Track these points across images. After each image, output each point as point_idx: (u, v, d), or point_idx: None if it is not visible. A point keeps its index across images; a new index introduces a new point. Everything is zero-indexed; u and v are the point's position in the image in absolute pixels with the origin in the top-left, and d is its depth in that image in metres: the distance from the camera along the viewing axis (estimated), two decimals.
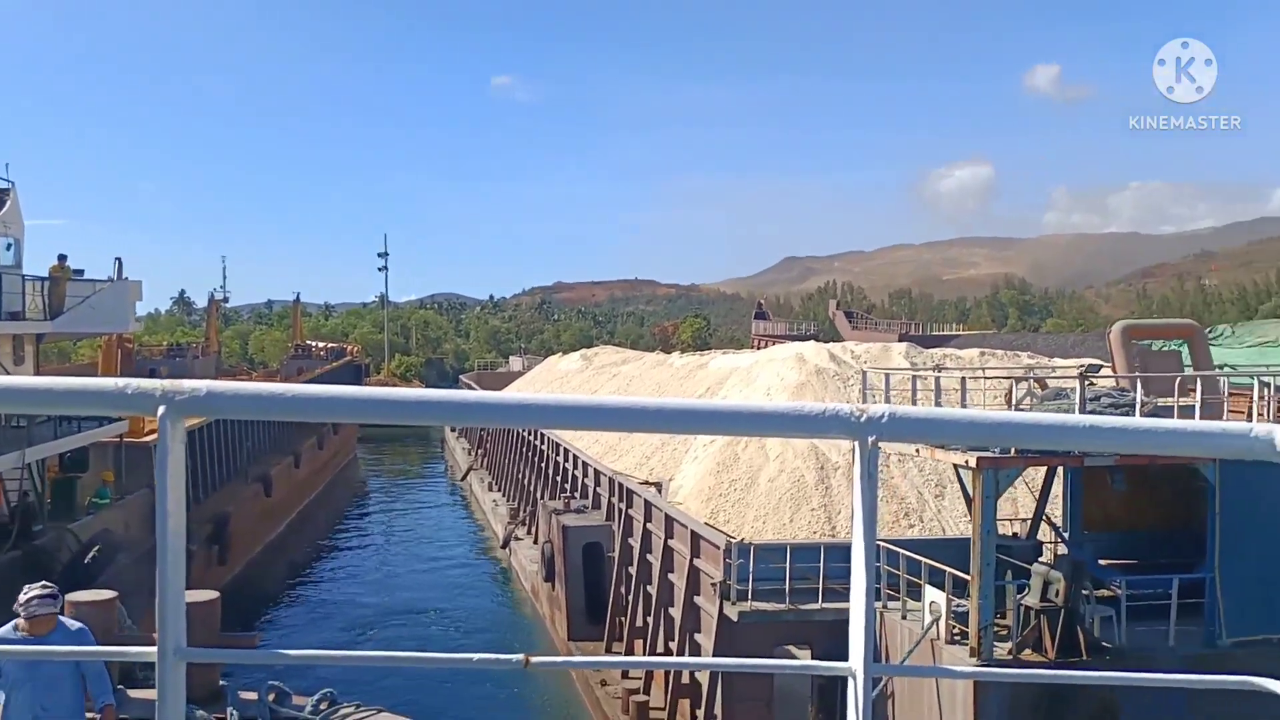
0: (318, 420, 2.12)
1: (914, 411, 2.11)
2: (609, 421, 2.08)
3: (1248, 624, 17.47)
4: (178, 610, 1.99)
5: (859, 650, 2.14)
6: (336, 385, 2.07)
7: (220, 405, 1.99)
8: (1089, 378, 18.18)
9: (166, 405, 1.92)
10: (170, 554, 1.97)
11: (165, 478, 1.96)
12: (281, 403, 2.00)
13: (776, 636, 21.42)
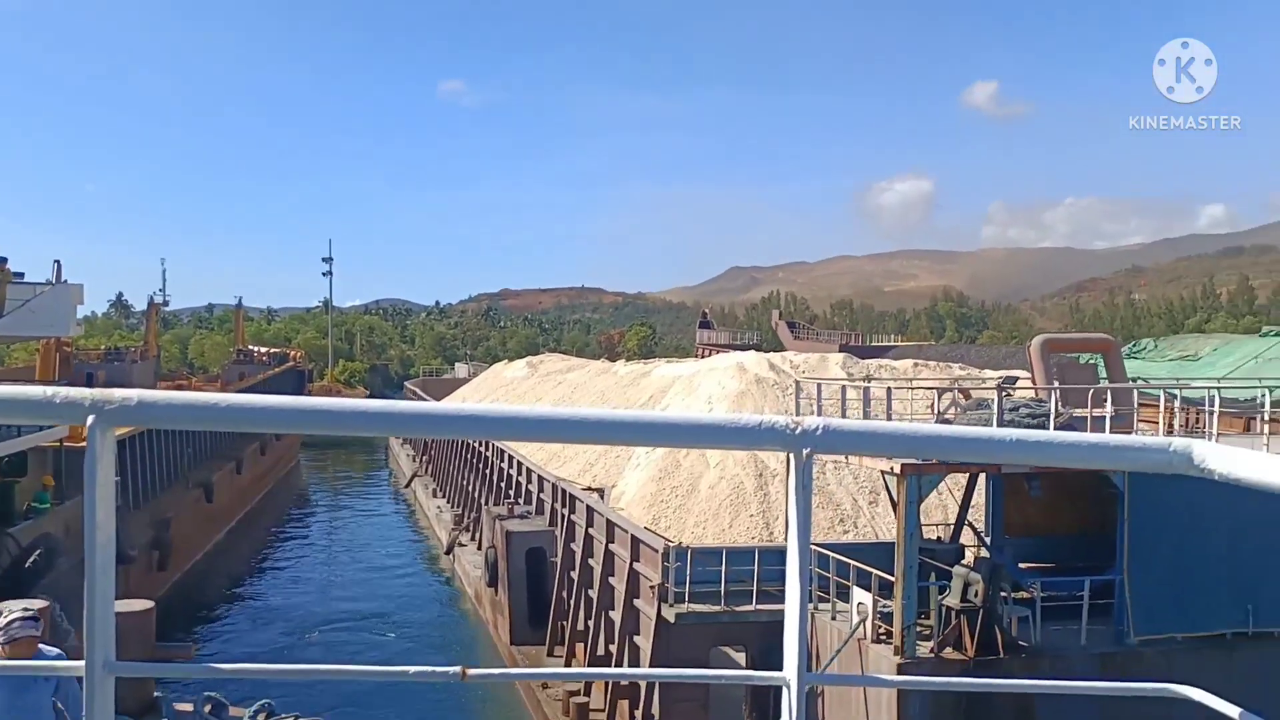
0: (253, 431, 2.11)
1: (848, 424, 2.17)
2: (545, 433, 2.11)
3: (1155, 623, 18.52)
4: (106, 623, 1.96)
5: (793, 660, 2.16)
6: (273, 395, 2.06)
7: (152, 415, 1.97)
8: (1006, 389, 19.18)
9: (96, 415, 1.90)
10: (99, 566, 1.93)
11: (94, 489, 1.92)
12: (216, 413, 1.98)
13: (713, 638, 22.17)
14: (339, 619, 38.13)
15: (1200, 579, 18.48)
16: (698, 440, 2.18)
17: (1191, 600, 18.53)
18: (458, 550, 45.43)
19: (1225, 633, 18.61)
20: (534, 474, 36.95)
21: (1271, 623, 18.70)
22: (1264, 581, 18.61)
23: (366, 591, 42.34)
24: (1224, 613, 18.54)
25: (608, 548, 26.35)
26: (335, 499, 70.96)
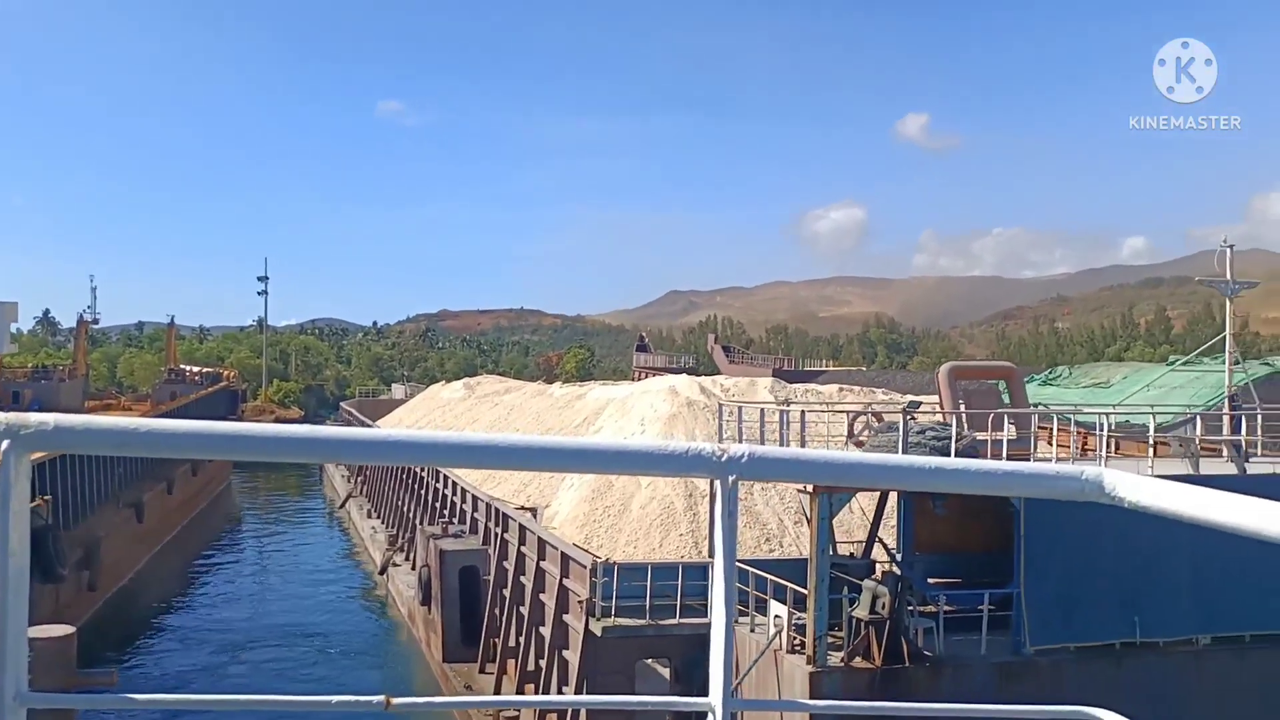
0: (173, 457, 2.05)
1: (772, 451, 2.20)
2: (473, 458, 2.12)
3: (1049, 634, 19.81)
4: (19, 653, 1.92)
5: (718, 685, 2.17)
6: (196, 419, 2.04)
7: (69, 440, 1.92)
8: (910, 413, 20.43)
9: (10, 440, 1.86)
10: (11, 592, 1.89)
11: (7, 516, 1.87)
12: (134, 438, 1.93)
13: (638, 650, 23.06)
14: (271, 639, 38.26)
15: (1091, 593, 19.82)
16: (624, 466, 2.23)
17: (1083, 612, 19.85)
18: (392, 570, 45.74)
19: (1114, 642, 19.95)
20: (469, 494, 37.57)
21: (1156, 633, 20.09)
22: (1149, 595, 20.00)
23: (299, 612, 42.46)
24: (1113, 624, 19.88)
25: (539, 565, 27.12)
26: (268, 520, 70.52)
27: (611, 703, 2.74)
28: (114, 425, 1.96)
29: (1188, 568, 19.97)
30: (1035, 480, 2.27)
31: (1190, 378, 50.08)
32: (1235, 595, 20.07)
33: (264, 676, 33.71)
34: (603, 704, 2.84)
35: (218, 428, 1.98)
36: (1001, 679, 19.48)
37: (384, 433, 2.10)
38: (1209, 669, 20.29)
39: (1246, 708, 20.22)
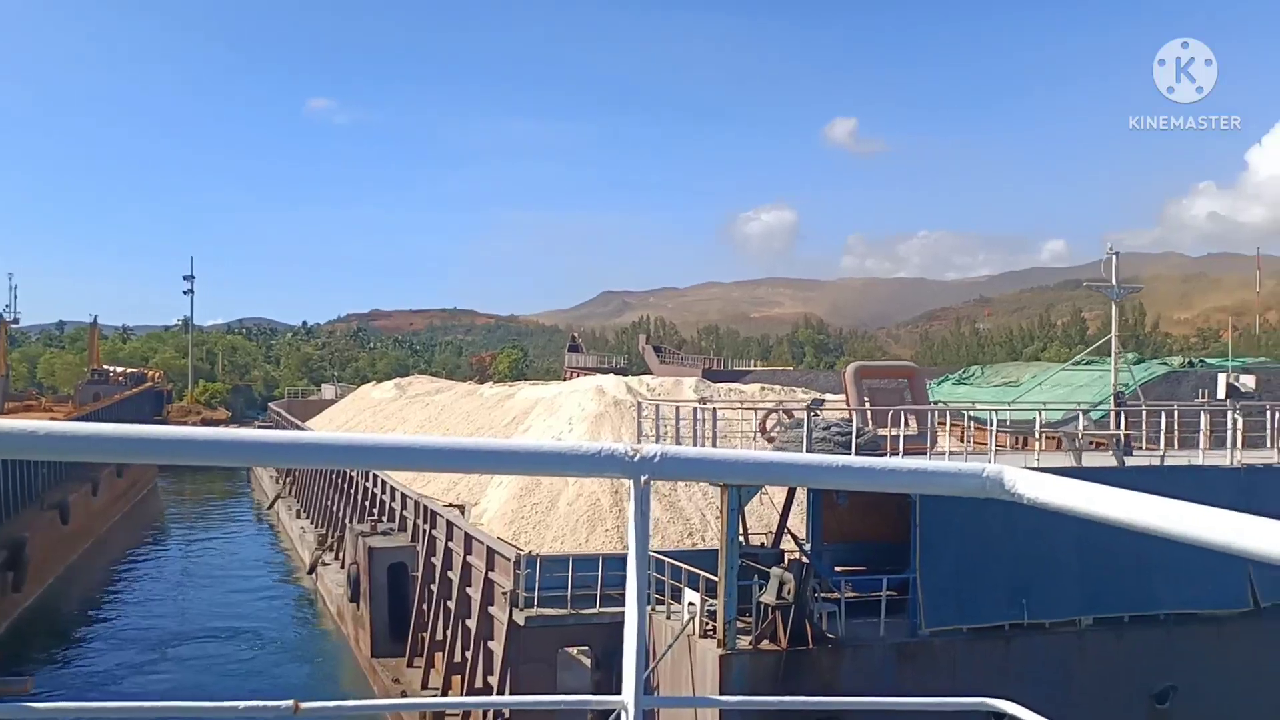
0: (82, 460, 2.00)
1: (685, 451, 2.23)
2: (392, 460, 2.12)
3: (943, 617, 21.17)
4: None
5: (631, 683, 2.19)
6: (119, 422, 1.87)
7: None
8: (815, 410, 21.69)
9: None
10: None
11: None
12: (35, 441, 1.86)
13: (560, 639, 24.01)
14: (198, 638, 38.44)
15: (981, 577, 21.22)
16: (539, 467, 2.23)
17: (974, 596, 21.25)
18: (321, 569, 46.03)
19: (1003, 624, 21.38)
20: (398, 492, 38.13)
21: (1042, 615, 21.57)
22: (1035, 579, 21.46)
23: (227, 611, 42.60)
24: (1002, 607, 21.31)
25: (465, 559, 27.91)
26: (195, 521, 69.99)
27: (528, 703, 2.73)
28: (22, 428, 1.88)
29: (1072, 554, 21.46)
30: (937, 478, 2.33)
31: (1094, 376, 52.40)
32: (1115, 579, 21.61)
33: (191, 674, 33.96)
34: (519, 704, 2.73)
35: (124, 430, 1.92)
36: (899, 659, 20.80)
37: (293, 435, 2.07)
38: (1090, 647, 21.82)
39: (1124, 682, 21.83)
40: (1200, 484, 22.08)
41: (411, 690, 29.34)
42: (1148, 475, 21.84)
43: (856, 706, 2.81)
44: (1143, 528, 1.94)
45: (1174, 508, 1.88)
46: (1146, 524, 1.93)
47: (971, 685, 20.61)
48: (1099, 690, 21.56)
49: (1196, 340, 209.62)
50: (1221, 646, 22.47)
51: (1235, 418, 22.75)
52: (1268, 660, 22.62)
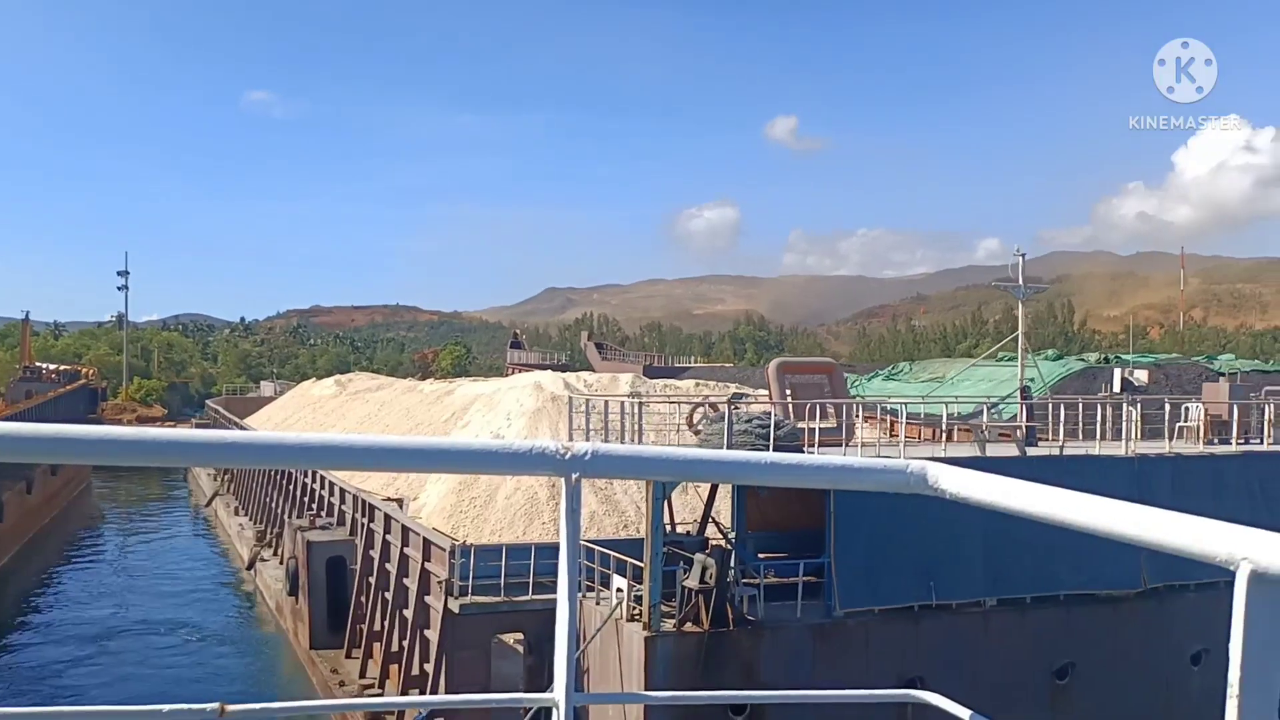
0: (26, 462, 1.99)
1: (616, 449, 2.21)
2: (319, 459, 2.11)
3: (856, 598, 22.35)
4: None
5: (561, 681, 2.20)
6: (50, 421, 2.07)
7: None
8: (735, 404, 22.76)
9: None
10: None
11: None
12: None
13: (494, 626, 24.83)
14: (136, 634, 38.56)
15: (892, 561, 22.43)
16: (470, 466, 2.23)
17: (886, 579, 22.45)
18: (259, 565, 46.25)
19: (913, 605, 22.63)
20: (336, 487, 38.60)
21: (949, 596, 22.85)
22: (943, 563, 22.72)
23: (164, 608, 42.67)
24: (912, 589, 22.54)
25: (403, 551, 28.60)
26: (131, 519, 69.42)
27: (460, 701, 2.85)
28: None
29: (977, 539, 22.75)
30: (863, 474, 2.35)
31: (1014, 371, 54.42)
32: (1018, 562, 22.94)
33: (127, 668, 34.16)
34: (451, 703, 2.95)
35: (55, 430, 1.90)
36: (815, 638, 21.95)
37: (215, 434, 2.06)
38: (994, 626, 23.17)
39: (1026, 658, 23.22)
40: (1097, 473, 23.58)
41: (349, 680, 29.94)
42: (1047, 464, 23.24)
43: (784, 700, 2.86)
44: (1058, 522, 2.00)
45: (1086, 502, 1.94)
46: (1061, 518, 1.99)
47: (883, 663, 21.92)
48: (1003, 666, 22.92)
49: (1125, 336, 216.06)
50: (1116, 625, 23.97)
51: (1130, 410, 24.24)
52: (1157, 637, 24.20)
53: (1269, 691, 1.71)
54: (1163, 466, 24.31)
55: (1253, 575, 1.67)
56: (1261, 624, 1.69)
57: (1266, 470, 25.33)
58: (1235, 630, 1.71)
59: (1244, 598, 1.68)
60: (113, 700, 30.02)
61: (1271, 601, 1.68)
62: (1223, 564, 1.72)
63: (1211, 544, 1.74)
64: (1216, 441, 26.51)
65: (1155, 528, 1.83)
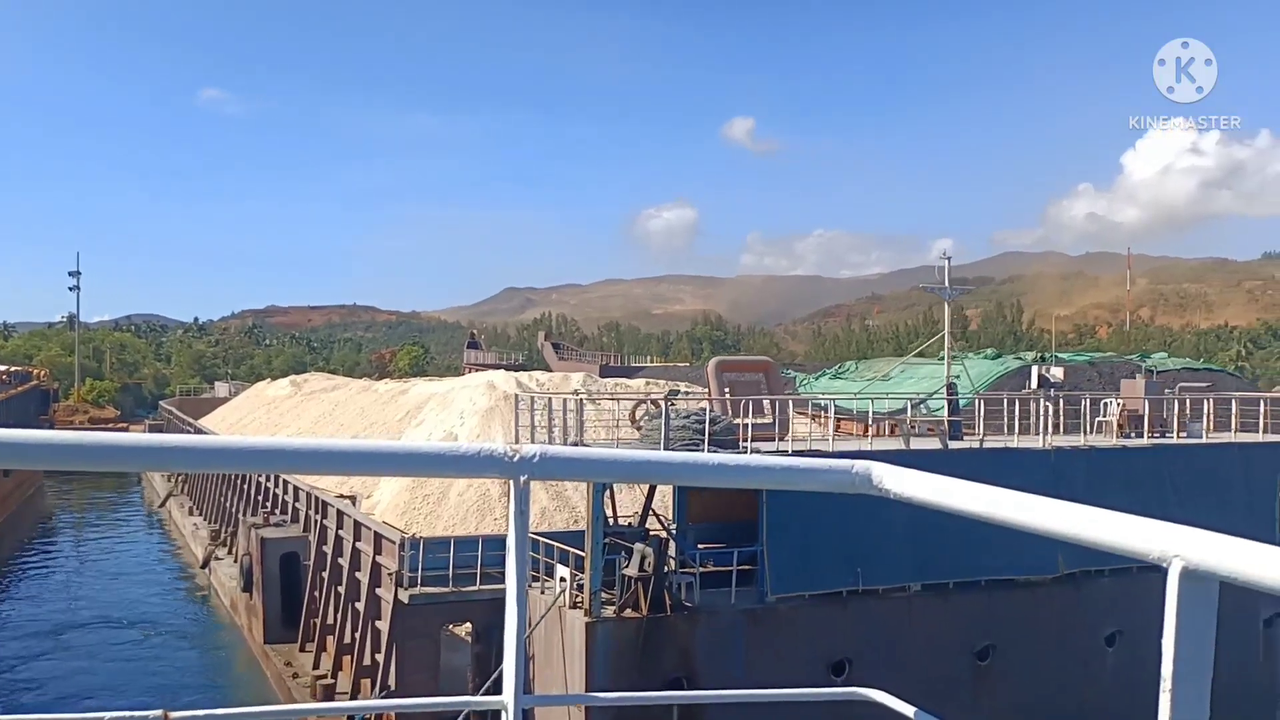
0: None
1: (564, 451, 2.24)
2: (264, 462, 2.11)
3: (787, 584, 23.50)
4: None
5: (511, 683, 2.24)
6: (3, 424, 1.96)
7: None
8: (671, 400, 23.85)
9: None
10: None
11: None
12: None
13: (443, 616, 25.71)
14: (90, 628, 38.93)
15: (821, 549, 23.60)
16: (418, 469, 2.21)
17: (814, 566, 23.63)
18: (214, 564, 46.69)
19: (841, 590, 23.83)
20: (290, 485, 39.21)
21: (876, 582, 24.08)
22: (869, 550, 23.91)
23: (119, 606, 42.97)
24: (839, 575, 23.73)
25: (355, 546, 29.38)
26: (85, 520, 69.26)
27: (409, 705, 2.70)
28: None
29: (903, 528, 23.98)
30: (809, 475, 2.37)
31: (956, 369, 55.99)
32: (941, 550, 24.17)
33: (82, 663, 34.56)
34: (399, 707, 2.82)
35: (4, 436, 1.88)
36: (748, 623, 23.08)
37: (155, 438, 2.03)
38: (919, 610, 24.43)
39: (949, 641, 24.52)
40: (1014, 466, 24.88)
41: (303, 673, 30.64)
42: (967, 458, 24.56)
43: (733, 699, 2.86)
44: (997, 520, 2.03)
45: (1025, 501, 1.97)
46: (1000, 517, 2.02)
47: (812, 645, 23.11)
48: (927, 648, 24.19)
49: (1074, 335, 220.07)
50: (1034, 608, 25.36)
51: (1046, 406, 25.63)
52: (1073, 619, 25.64)
53: (1200, 684, 1.74)
54: (1078, 459, 25.73)
55: (1184, 571, 1.69)
56: (1193, 618, 1.71)
57: (1176, 462, 26.86)
58: (1168, 625, 1.72)
59: (1176, 593, 1.70)
60: (65, 695, 30.50)
61: (1202, 596, 1.71)
62: (1155, 561, 1.74)
63: (1144, 541, 1.77)
64: (1132, 435, 28.02)
65: (1090, 526, 1.86)
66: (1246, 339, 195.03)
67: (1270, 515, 27.57)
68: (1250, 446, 27.87)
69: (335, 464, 2.14)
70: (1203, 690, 1.74)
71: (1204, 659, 1.73)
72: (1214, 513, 25.42)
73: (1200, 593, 1.71)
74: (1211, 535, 1.69)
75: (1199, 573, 1.69)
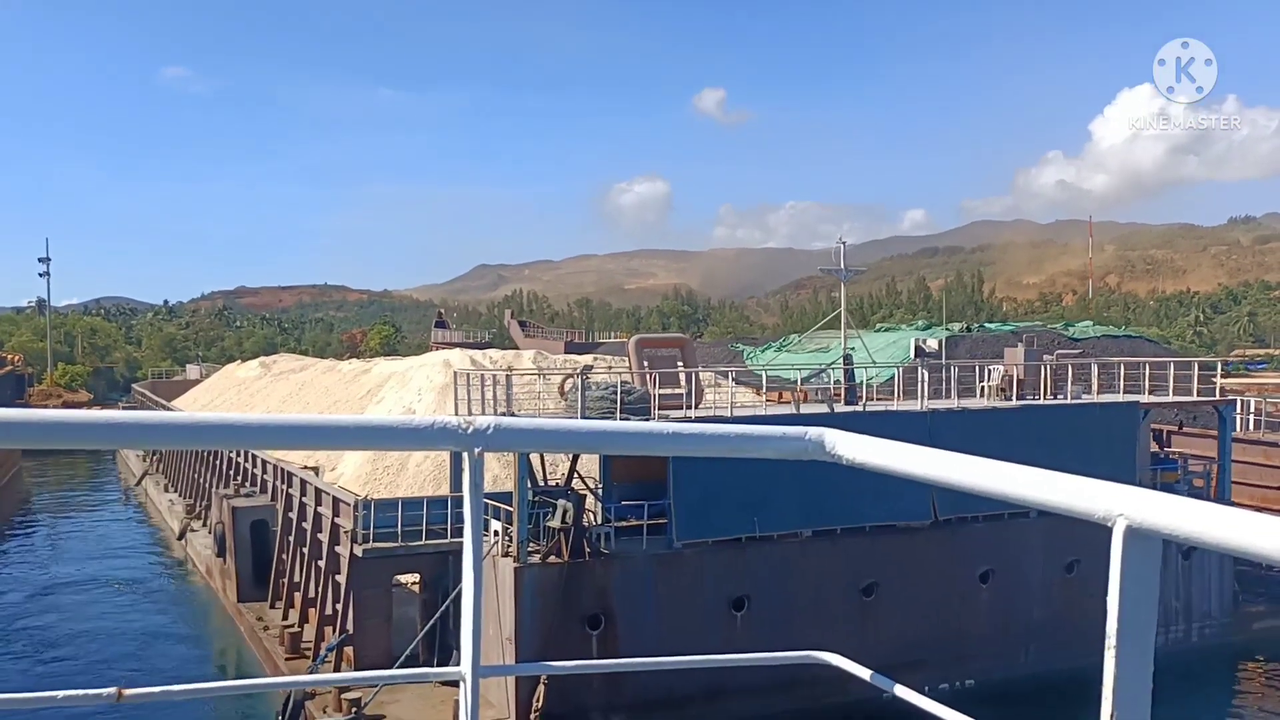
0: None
1: (517, 422, 2.24)
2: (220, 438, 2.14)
3: (692, 531, 26.88)
4: None
5: (468, 655, 2.26)
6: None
7: None
8: (584, 375, 27.15)
9: None
10: None
11: None
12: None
13: (394, 568, 28.97)
14: (75, 587, 41.92)
15: (722, 500, 26.96)
16: (374, 443, 2.25)
17: (717, 515, 27.01)
18: (190, 535, 49.72)
19: (740, 536, 27.25)
20: (258, 459, 42.27)
21: (771, 529, 27.49)
22: (765, 500, 27.31)
23: (99, 574, 45.81)
24: (738, 523, 27.14)
25: (316, 510, 32.54)
26: (64, 500, 71.87)
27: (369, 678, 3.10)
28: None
29: (794, 480, 27.35)
30: (763, 442, 2.44)
31: (889, 340, 59.79)
32: (829, 499, 27.61)
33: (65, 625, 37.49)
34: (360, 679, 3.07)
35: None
36: (657, 566, 26.51)
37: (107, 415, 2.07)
38: (810, 553, 27.92)
39: (837, 580, 28.03)
40: (895, 426, 28.30)
41: (272, 625, 33.82)
42: (851, 419, 27.95)
43: (687, 665, 2.91)
44: (945, 483, 2.10)
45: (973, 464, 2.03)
46: (949, 480, 2.08)
47: (715, 586, 26.59)
48: (818, 587, 27.72)
49: (1039, 304, 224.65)
50: (913, 550, 28.91)
51: (922, 373, 29.10)
52: (949, 559, 29.23)
53: (1144, 640, 1.76)
54: (951, 419, 29.22)
55: (1128, 530, 1.72)
56: (1137, 576, 1.73)
57: (1041, 421, 30.41)
58: (1112, 583, 1.74)
59: (1120, 551, 1.73)
60: (58, 659, 33.59)
61: (1146, 554, 1.74)
62: (1100, 520, 1.77)
63: (1089, 502, 1.79)
64: (1008, 397, 31.58)
65: (1037, 487, 1.89)
66: (1206, 304, 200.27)
67: (1130, 466, 31.19)
68: (1110, 405, 31.50)
69: (296, 439, 2.17)
70: (1146, 646, 1.76)
71: (1148, 615, 1.75)
72: (1078, 465, 28.91)
73: (1143, 550, 1.73)
74: (1154, 494, 1.71)
75: (1142, 531, 1.70)
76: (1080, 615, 30.00)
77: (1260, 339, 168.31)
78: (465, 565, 2.29)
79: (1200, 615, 32.31)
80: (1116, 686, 1.74)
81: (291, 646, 31.16)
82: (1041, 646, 29.65)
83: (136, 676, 32.17)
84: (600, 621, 25.88)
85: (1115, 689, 1.74)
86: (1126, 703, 1.74)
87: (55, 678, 31.09)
